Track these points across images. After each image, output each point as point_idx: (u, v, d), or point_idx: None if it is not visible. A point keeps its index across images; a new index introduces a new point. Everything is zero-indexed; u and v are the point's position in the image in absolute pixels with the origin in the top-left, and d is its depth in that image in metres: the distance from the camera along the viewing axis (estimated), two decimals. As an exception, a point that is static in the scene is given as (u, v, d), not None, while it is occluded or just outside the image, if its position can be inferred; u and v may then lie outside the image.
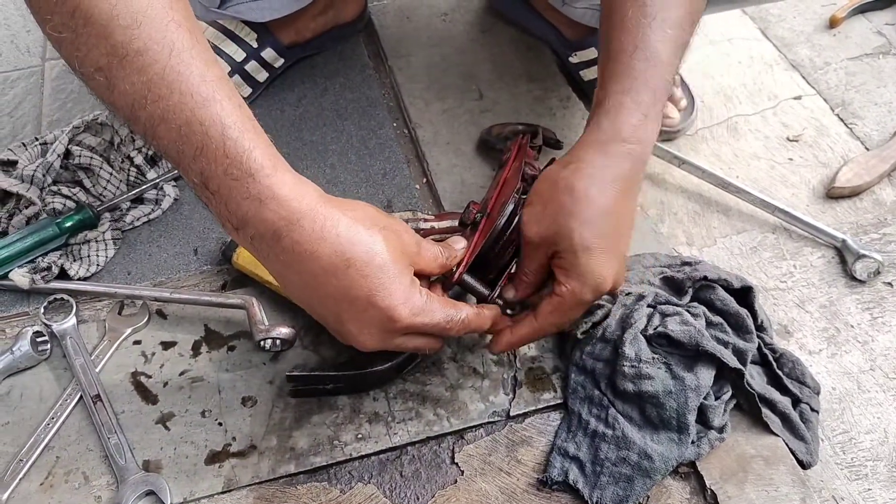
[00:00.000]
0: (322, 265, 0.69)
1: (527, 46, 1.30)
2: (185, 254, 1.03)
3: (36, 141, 1.10)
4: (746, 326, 0.87)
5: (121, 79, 0.63)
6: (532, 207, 0.79)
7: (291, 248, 0.68)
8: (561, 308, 0.79)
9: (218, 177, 0.66)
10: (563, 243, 0.76)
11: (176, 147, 0.65)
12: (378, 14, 1.38)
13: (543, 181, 0.80)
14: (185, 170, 0.67)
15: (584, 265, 0.76)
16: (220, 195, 0.67)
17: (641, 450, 0.80)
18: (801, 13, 1.42)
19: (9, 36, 1.39)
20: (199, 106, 0.64)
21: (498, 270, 0.85)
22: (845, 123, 1.22)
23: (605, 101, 0.79)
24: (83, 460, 0.83)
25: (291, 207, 0.67)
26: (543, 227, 0.77)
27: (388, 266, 0.71)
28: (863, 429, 0.89)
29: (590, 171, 0.77)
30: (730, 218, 1.09)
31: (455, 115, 1.19)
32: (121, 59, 0.62)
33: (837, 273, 1.03)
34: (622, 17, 0.79)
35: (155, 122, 0.64)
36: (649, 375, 0.82)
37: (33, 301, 0.97)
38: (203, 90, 0.64)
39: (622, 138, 0.78)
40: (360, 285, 0.70)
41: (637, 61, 0.78)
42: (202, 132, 0.64)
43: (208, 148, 0.65)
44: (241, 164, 0.65)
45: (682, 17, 0.80)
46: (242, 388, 0.89)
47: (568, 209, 0.76)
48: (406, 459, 0.83)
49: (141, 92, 0.63)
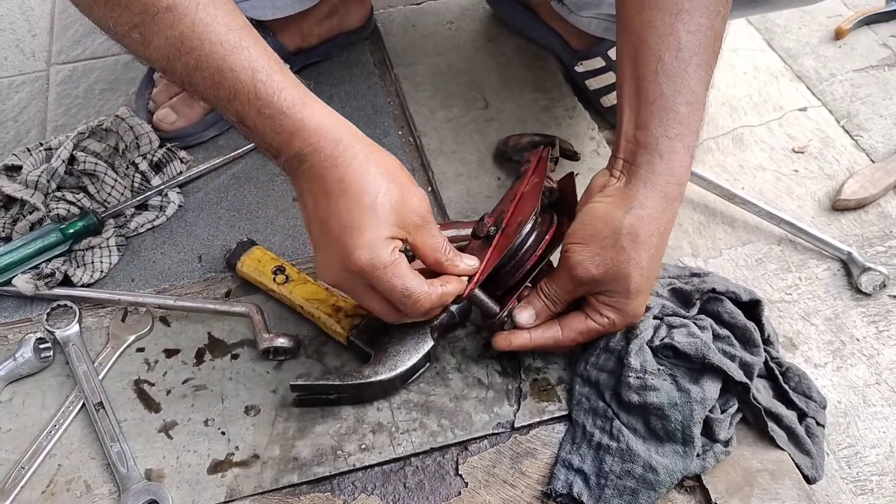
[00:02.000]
0: (324, 187, 0.73)
1: (532, 56, 1.30)
2: (189, 261, 1.03)
3: (40, 146, 1.10)
4: (753, 340, 0.86)
5: (154, 34, 0.69)
6: (586, 248, 0.80)
7: (309, 171, 0.74)
8: (594, 334, 0.84)
9: (252, 116, 0.72)
10: (618, 286, 0.80)
11: (211, 92, 0.71)
12: (384, 21, 1.38)
13: (598, 221, 0.80)
14: (222, 110, 0.73)
15: (630, 304, 0.82)
16: (257, 130, 0.73)
17: (646, 462, 0.79)
18: (806, 24, 1.42)
19: (14, 40, 1.39)
20: (229, 53, 0.70)
21: (506, 289, 0.85)
22: (851, 135, 1.22)
23: (656, 145, 0.80)
24: (85, 468, 0.83)
25: (319, 136, 0.73)
26: (600, 271, 0.79)
27: (374, 211, 0.73)
28: (868, 443, 0.88)
29: (654, 218, 0.79)
30: (735, 229, 1.09)
31: (460, 123, 1.19)
32: (153, 16, 0.68)
33: (843, 286, 1.03)
34: (657, 60, 0.79)
35: (190, 71, 0.70)
36: (655, 387, 0.81)
37: (36, 307, 0.97)
38: (231, 38, 0.70)
39: (677, 181, 0.80)
40: (341, 215, 0.73)
41: (680, 105, 0.79)
42: (233, 77, 0.70)
43: (240, 91, 0.70)
44: (272, 103, 0.71)
45: (710, 57, 0.81)
46: (246, 397, 0.88)
47: (629, 256, 0.79)
48: (410, 470, 0.83)
49: (174, 45, 0.69)
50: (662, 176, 0.80)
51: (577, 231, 0.81)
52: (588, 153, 1.15)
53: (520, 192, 0.92)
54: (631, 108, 0.82)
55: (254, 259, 0.97)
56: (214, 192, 1.11)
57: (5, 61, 1.35)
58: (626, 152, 0.82)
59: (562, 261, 0.82)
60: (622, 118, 0.83)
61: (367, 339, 0.88)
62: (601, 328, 0.83)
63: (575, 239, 0.81)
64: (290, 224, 1.07)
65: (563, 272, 0.82)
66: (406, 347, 0.86)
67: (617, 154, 0.83)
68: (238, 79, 0.70)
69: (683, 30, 0.79)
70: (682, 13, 0.79)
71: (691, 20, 0.79)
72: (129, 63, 1.31)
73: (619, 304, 0.82)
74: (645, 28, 0.80)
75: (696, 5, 0.79)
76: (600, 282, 0.80)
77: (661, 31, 0.79)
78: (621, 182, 0.82)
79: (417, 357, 0.86)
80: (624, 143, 0.82)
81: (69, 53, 1.35)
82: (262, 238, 1.03)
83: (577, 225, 0.82)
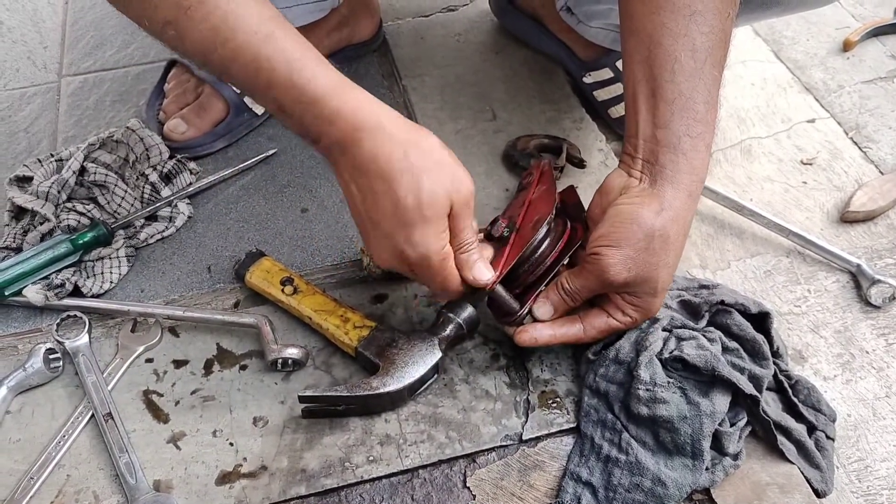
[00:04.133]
0: (368, 184, 0.75)
1: (540, 67, 1.31)
2: (198, 272, 1.03)
3: (51, 157, 1.10)
4: (763, 352, 0.86)
5: (188, 28, 0.71)
6: (619, 251, 0.79)
7: (351, 164, 0.75)
8: (615, 330, 0.86)
9: (289, 103, 0.73)
10: (647, 286, 0.81)
11: (249, 81, 0.73)
12: (392, 34, 1.39)
13: (630, 223, 0.80)
14: (261, 99, 0.76)
15: (655, 302, 0.83)
16: (295, 117, 0.75)
17: (655, 476, 0.79)
18: (814, 36, 1.42)
19: (25, 52, 1.40)
20: (263, 43, 0.71)
21: (524, 288, 0.86)
22: (859, 147, 1.22)
23: (679, 143, 0.80)
24: (93, 479, 0.83)
25: (357, 124, 0.74)
26: (633, 274, 0.80)
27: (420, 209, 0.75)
28: (878, 456, 0.88)
29: (682, 217, 0.81)
30: (743, 241, 1.09)
31: (468, 135, 1.20)
32: (185, 11, 0.70)
33: (852, 298, 1.02)
34: (674, 60, 0.80)
35: (226, 63, 0.72)
36: (664, 399, 0.81)
37: (46, 318, 0.98)
38: (263, 28, 0.71)
39: (700, 179, 0.82)
40: (387, 212, 0.75)
41: (699, 104, 0.80)
42: (269, 67, 0.71)
43: (277, 80, 0.72)
44: (308, 90, 0.72)
45: (722, 58, 0.82)
46: (254, 408, 0.88)
47: (660, 258, 0.80)
48: (417, 483, 0.83)
49: (209, 38, 0.71)
50: (687, 175, 0.81)
51: (607, 233, 0.81)
52: (596, 164, 1.15)
53: (528, 200, 0.92)
54: (648, 109, 0.82)
55: (262, 270, 0.98)
56: (224, 202, 1.12)
57: (17, 73, 1.36)
58: (645, 152, 0.82)
59: (590, 262, 0.82)
60: (638, 119, 0.83)
61: (376, 350, 0.88)
62: (623, 326, 0.85)
63: (606, 241, 0.80)
64: (299, 235, 1.07)
65: (590, 273, 0.82)
66: (414, 359, 0.86)
67: (635, 154, 0.83)
68: (273, 67, 0.71)
69: (697, 31, 0.80)
70: (696, 14, 0.79)
71: (704, 21, 0.80)
72: (139, 74, 1.33)
73: (644, 302, 0.83)
74: (658, 30, 0.80)
75: (708, 7, 0.80)
76: (630, 284, 0.81)
77: (676, 32, 0.80)
78: (645, 182, 0.82)
79: (425, 368, 0.86)
80: (643, 143, 0.82)
81: (80, 65, 1.36)
82: (270, 249, 1.04)
83: (607, 227, 0.81)
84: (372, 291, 1.00)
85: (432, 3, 1.46)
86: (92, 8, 1.48)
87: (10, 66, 1.37)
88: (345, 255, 1.05)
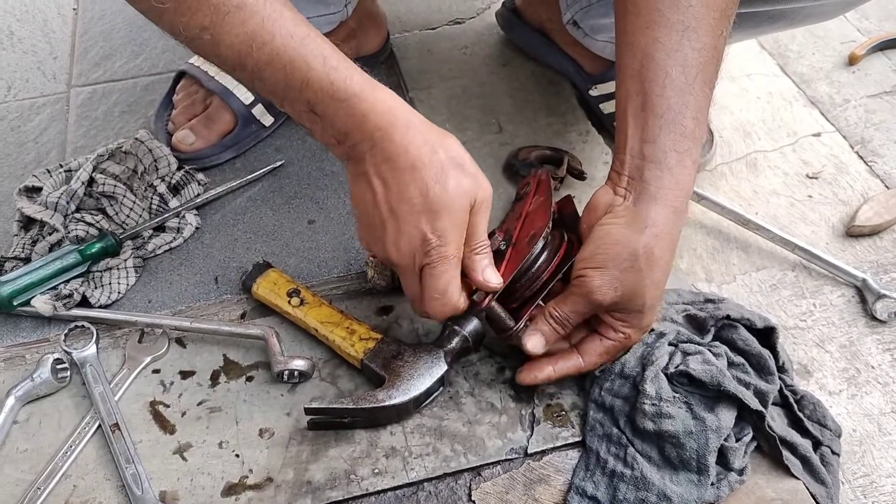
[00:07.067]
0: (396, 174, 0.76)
1: (547, 80, 1.31)
2: (205, 282, 1.04)
3: (60, 168, 1.11)
4: (768, 368, 0.86)
5: (225, 33, 0.72)
6: (605, 272, 0.80)
7: (380, 155, 0.76)
8: (613, 351, 0.85)
9: (324, 102, 0.75)
10: (634, 304, 0.81)
11: (283, 84, 0.75)
12: (400, 46, 1.39)
13: (614, 245, 0.80)
14: (291, 101, 0.76)
15: (644, 318, 0.83)
16: (327, 116, 0.76)
17: (660, 491, 0.79)
18: (819, 50, 1.42)
19: (35, 63, 1.41)
20: (300, 44, 0.73)
21: (520, 303, 0.86)
22: (865, 161, 1.22)
23: (665, 159, 0.80)
24: (100, 490, 0.83)
25: (390, 120, 0.75)
26: (619, 294, 0.80)
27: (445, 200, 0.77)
28: (884, 472, 0.88)
29: (667, 233, 0.81)
30: (749, 255, 1.09)
31: (474, 147, 1.20)
32: (223, 16, 0.71)
33: (858, 312, 1.02)
34: (665, 75, 0.80)
35: (261, 66, 0.74)
36: (670, 414, 0.81)
37: (54, 328, 0.98)
38: (298, 31, 0.73)
39: (685, 195, 0.82)
40: (413, 200, 0.76)
41: (688, 120, 0.80)
42: (306, 66, 0.73)
43: (313, 79, 0.74)
44: (345, 87, 0.74)
45: (713, 75, 0.83)
46: (260, 420, 0.89)
47: (646, 275, 0.80)
48: (422, 496, 0.83)
49: (246, 42, 0.72)
50: (671, 191, 0.80)
51: (592, 255, 0.81)
52: (601, 178, 1.15)
53: (524, 212, 0.92)
54: (637, 123, 0.82)
55: (269, 281, 0.98)
56: (231, 214, 1.12)
57: (27, 83, 1.37)
58: (631, 168, 0.82)
59: (576, 286, 0.82)
60: (626, 133, 0.83)
61: (382, 362, 0.88)
62: (619, 344, 0.85)
63: (591, 264, 0.81)
64: (306, 247, 1.08)
65: (577, 296, 0.82)
66: (420, 371, 0.87)
67: (621, 171, 0.83)
68: (311, 66, 0.73)
69: (689, 47, 0.80)
70: (689, 31, 0.80)
71: (697, 38, 0.80)
72: (148, 85, 1.33)
73: (633, 319, 0.83)
74: (651, 45, 0.81)
75: (702, 24, 0.80)
76: (618, 303, 0.81)
77: (668, 47, 0.80)
78: (629, 200, 0.82)
79: (431, 381, 0.86)
80: (629, 159, 0.82)
81: (89, 76, 1.37)
82: (277, 260, 1.04)
83: (591, 249, 0.82)
84: (377, 303, 1.00)
85: (439, 15, 1.46)
86: (101, 19, 1.49)
87: (20, 77, 1.38)
88: (351, 266, 1.05)
